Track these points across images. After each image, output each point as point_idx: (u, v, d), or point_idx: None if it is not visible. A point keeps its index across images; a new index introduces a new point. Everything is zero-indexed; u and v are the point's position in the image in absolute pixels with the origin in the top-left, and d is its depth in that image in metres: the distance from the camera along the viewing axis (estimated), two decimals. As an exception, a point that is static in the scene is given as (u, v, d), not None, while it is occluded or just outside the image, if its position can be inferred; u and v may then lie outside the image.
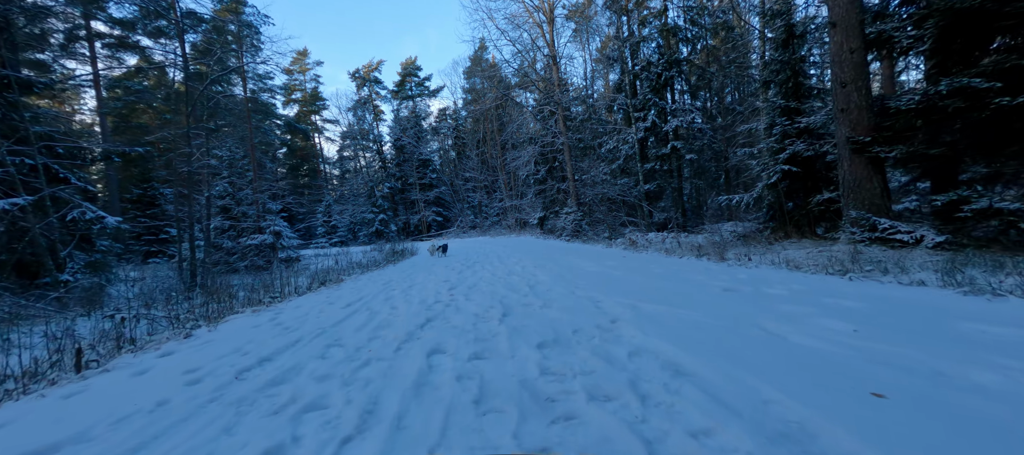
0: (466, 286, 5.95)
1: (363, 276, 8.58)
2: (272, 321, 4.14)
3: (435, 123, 45.47)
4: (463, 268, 8.70)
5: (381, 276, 8.29)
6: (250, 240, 15.52)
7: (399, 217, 38.72)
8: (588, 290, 4.77)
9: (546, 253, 11.53)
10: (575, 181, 21.46)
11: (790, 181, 8.11)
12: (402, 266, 10.90)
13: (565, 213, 20.88)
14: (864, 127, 5.73)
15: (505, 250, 14.19)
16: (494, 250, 14.58)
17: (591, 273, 6.42)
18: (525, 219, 30.24)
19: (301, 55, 45.72)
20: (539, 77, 22.23)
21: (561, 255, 10.54)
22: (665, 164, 16.81)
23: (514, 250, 13.90)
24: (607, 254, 10.16)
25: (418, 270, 8.99)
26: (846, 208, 6.14)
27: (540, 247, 14.99)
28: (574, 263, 8.20)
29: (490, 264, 9.21)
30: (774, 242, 8.27)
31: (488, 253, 13.14)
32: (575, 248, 13.65)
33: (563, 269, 7.17)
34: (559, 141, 22.50)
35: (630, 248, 11.19)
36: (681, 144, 16.35)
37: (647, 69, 17.61)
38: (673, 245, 9.80)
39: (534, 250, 13.46)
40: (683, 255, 7.95)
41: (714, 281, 4.72)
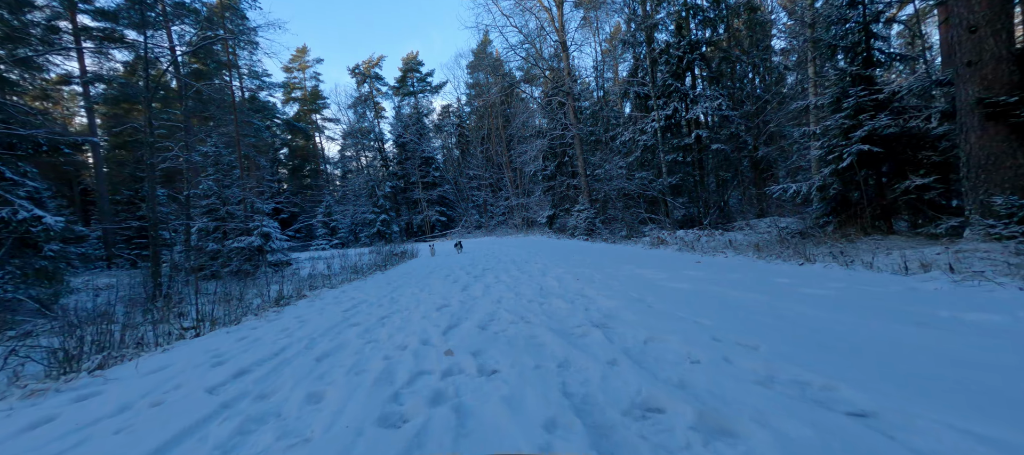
0: (476, 320, 3.56)
1: (334, 292, 6.49)
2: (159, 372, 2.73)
3: (438, 120, 44.20)
4: (469, 279, 6.63)
5: (359, 290, 6.41)
6: (236, 242, 14.25)
7: (401, 217, 37.47)
8: (766, 351, 2.26)
9: (575, 257, 9.26)
10: (587, 176, 20.03)
11: (867, 165, 6.63)
12: (393, 275, 8.78)
13: (577, 211, 19.46)
14: (1003, 84, 4.27)
15: (520, 253, 12.08)
16: (506, 252, 12.55)
17: (679, 292, 4.15)
18: (533, 218, 28.83)
19: (300, 52, 44.66)
20: (548, 65, 20.80)
21: (598, 259, 8.31)
22: (688, 155, 15.34)
23: (531, 252, 11.79)
24: (659, 258, 7.77)
25: (409, 280, 7.18)
26: (971, 193, 4.67)
27: (560, 249, 12.75)
28: (633, 273, 5.79)
29: (506, 273, 7.09)
30: (841, 239, 6.79)
31: (500, 256, 11.14)
32: (605, 249, 11.62)
33: (624, 283, 4.89)
34: (569, 134, 21.06)
35: (661, 247, 9.76)
36: (706, 133, 14.87)
37: (666, 52, 16.14)
38: (716, 243, 8.36)
39: (556, 252, 11.30)
40: (762, 256, 6.24)
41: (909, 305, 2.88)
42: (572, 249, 12.39)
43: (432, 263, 11.02)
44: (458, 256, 13.28)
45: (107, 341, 3.35)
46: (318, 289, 6.88)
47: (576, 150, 20.13)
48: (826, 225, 7.70)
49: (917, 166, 6.32)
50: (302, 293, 6.02)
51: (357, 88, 41.21)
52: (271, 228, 15.08)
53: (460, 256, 12.65)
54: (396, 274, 8.81)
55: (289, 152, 45.16)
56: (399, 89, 41.62)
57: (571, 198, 22.64)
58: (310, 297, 6.07)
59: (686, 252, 8.33)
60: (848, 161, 6.50)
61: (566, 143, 22.21)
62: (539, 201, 28.46)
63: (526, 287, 5.29)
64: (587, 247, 13.11)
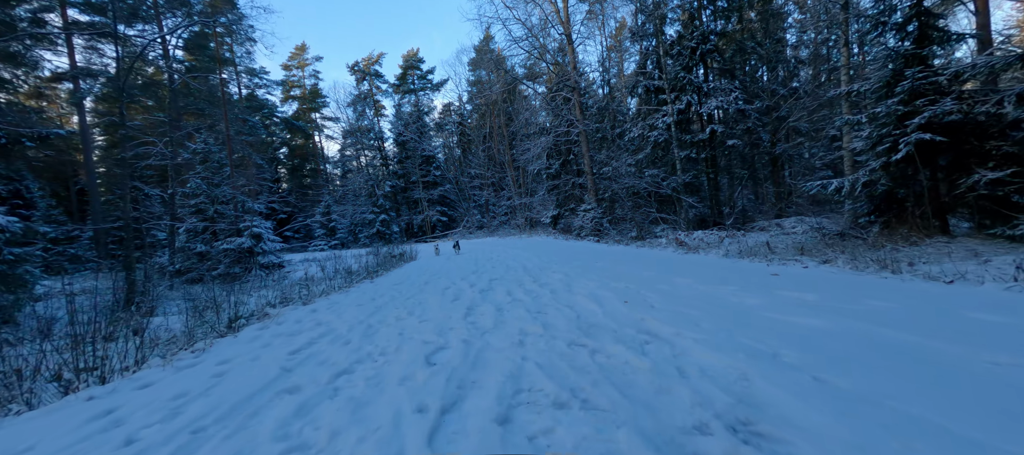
0: (490, 395, 2.16)
1: (303, 310, 5.31)
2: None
3: (439, 119, 43.46)
4: (474, 295, 5.33)
5: (334, 309, 5.14)
6: (225, 244, 13.51)
7: (402, 217, 36.74)
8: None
9: (597, 263, 7.97)
10: (593, 175, 19.25)
11: (922, 157, 5.83)
12: (383, 284, 7.54)
13: (583, 210, 18.69)
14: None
15: (530, 256, 10.83)
16: (514, 256, 11.28)
17: (807, 332, 2.76)
18: (536, 218, 28.07)
19: (299, 50, 44.00)
20: (553, 59, 20.03)
21: (628, 267, 7.01)
22: (701, 151, 14.54)
23: (543, 256, 10.48)
24: (706, 266, 6.49)
25: (399, 295, 5.90)
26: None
27: (574, 252, 11.48)
28: (697, 291, 4.44)
29: (520, 286, 5.75)
30: (900, 242, 6.00)
31: (507, 261, 9.85)
32: (625, 253, 10.27)
33: (699, 310, 3.59)
34: (575, 131, 20.28)
35: (685, 250, 8.97)
36: (721, 128, 14.06)
37: (678, 43, 15.35)
38: (750, 245, 7.57)
39: (571, 256, 10.00)
40: (857, 267, 4.93)
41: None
42: (587, 252, 11.21)
43: (430, 269, 9.89)
44: (458, 259, 12.37)
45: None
46: (289, 304, 5.79)
47: (582, 147, 19.35)
48: (870, 225, 6.91)
49: (984, 158, 5.53)
50: (265, 312, 4.96)
51: (356, 86, 40.52)
52: (263, 229, 14.35)
53: (462, 260, 11.47)
54: (386, 283, 7.64)
55: (289, 151, 44.47)
56: (399, 87, 40.89)
57: (576, 197, 21.86)
58: (272, 317, 4.90)
59: (732, 257, 7.20)
60: (904, 152, 5.70)
61: (571, 140, 21.43)
62: (542, 201, 27.69)
63: (555, 313, 3.86)
64: (603, 250, 12.00)
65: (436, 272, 8.85)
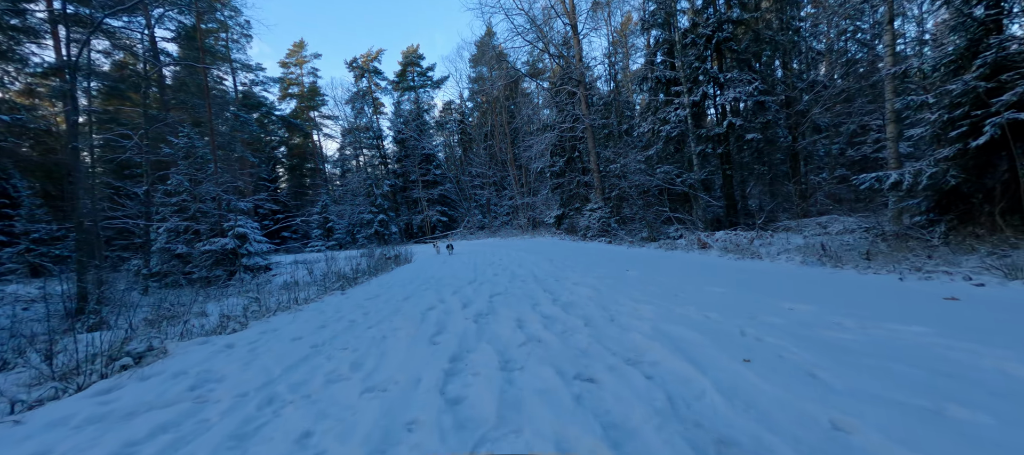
0: None
1: (224, 340, 3.80)
2: None
3: (439, 117, 42.59)
4: (466, 326, 3.75)
5: (262, 345, 3.61)
6: (208, 245, 12.62)
7: (401, 217, 35.87)
8: None
9: (630, 275, 6.30)
10: (600, 172, 18.31)
11: (1002, 143, 4.88)
12: (355, 298, 6.09)
13: (589, 210, 17.74)
14: None
15: (538, 261, 9.43)
16: (520, 261, 9.89)
17: None
18: (539, 218, 27.14)
19: (297, 47, 43.23)
20: (558, 51, 19.10)
21: (671, 278, 5.61)
22: (718, 146, 13.58)
23: (554, 261, 9.15)
24: (786, 276, 5.19)
25: (363, 321, 4.31)
26: None
27: (589, 256, 10.08)
28: (805, 320, 3.16)
29: (534, 307, 4.29)
30: (989, 243, 5.05)
31: (512, 267, 8.51)
32: (652, 257, 8.99)
33: (871, 369, 2.15)
34: (580, 127, 19.35)
35: (721, 253, 8.02)
36: (740, 121, 13.11)
37: (692, 31, 14.40)
38: (787, 247, 6.63)
39: (587, 261, 8.64)
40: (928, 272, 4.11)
41: None
42: (603, 256, 9.92)
43: (421, 275, 8.51)
44: (454, 262, 11.19)
45: None
46: (217, 333, 4.22)
47: (588, 143, 18.41)
48: (930, 225, 5.94)
49: (1089, 143, 4.56)
50: (164, 346, 3.48)
51: (355, 83, 39.69)
52: (248, 229, 13.45)
53: (458, 265, 10.10)
54: (359, 296, 6.22)
55: (287, 151, 43.67)
56: (399, 84, 40.05)
57: (582, 196, 20.93)
58: (168, 354, 3.35)
59: (812, 265, 5.80)
60: (987, 136, 4.74)
61: (576, 137, 20.49)
62: (546, 200, 26.76)
63: (616, 384, 2.22)
64: (620, 253, 10.71)
65: (425, 280, 7.55)
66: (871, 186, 6.02)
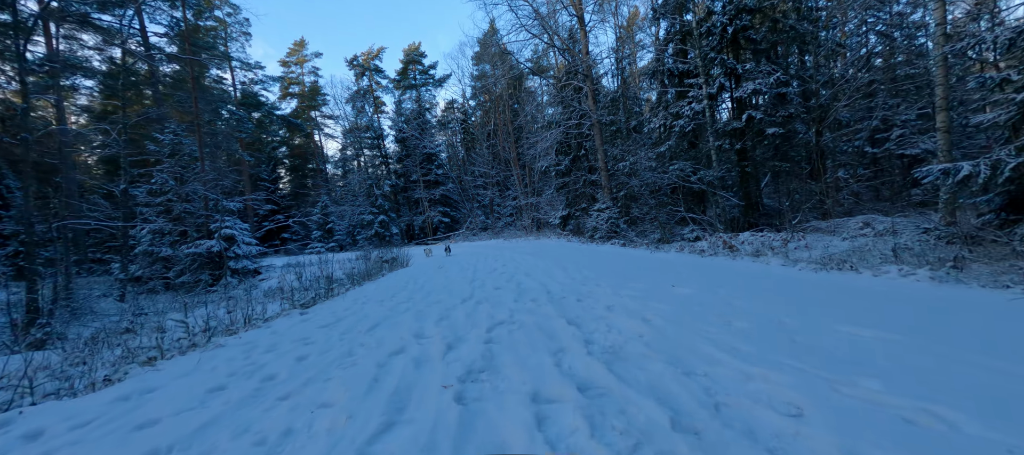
0: None
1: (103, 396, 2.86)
2: None
3: (442, 116, 41.87)
4: (448, 397, 2.38)
5: (155, 404, 2.66)
6: (194, 247, 11.89)
7: (402, 218, 35.14)
8: None
9: (651, 282, 5.56)
10: (608, 171, 17.46)
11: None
12: (316, 319, 5.08)
13: (596, 210, 16.89)
14: None
15: (545, 266, 8.47)
16: (523, 266, 8.93)
17: None
18: (543, 219, 26.32)
19: (298, 46, 42.69)
20: (563, 44, 18.29)
21: (732, 293, 4.51)
22: (736, 142, 12.69)
23: (564, 267, 8.13)
24: (875, 295, 4.08)
25: (304, 361, 3.35)
26: None
27: (602, 261, 8.97)
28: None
29: (557, 363, 2.78)
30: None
31: (516, 275, 7.48)
32: (676, 262, 7.92)
33: None
34: (587, 123, 18.51)
35: (746, 258, 7.15)
36: (759, 115, 12.22)
37: (707, 19, 13.53)
38: (820, 248, 5.76)
39: (605, 269, 7.52)
40: None
41: None
42: (624, 262, 8.48)
43: (409, 285, 7.46)
44: (450, 270, 9.96)
45: None
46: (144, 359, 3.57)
47: (595, 140, 17.57)
48: (1007, 225, 5.06)
49: None
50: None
51: (355, 81, 39.05)
52: (237, 230, 12.71)
53: (454, 274, 8.83)
54: (320, 319, 5.00)
55: (288, 151, 43.09)
56: (400, 82, 39.36)
57: (588, 196, 20.07)
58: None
59: (908, 276, 4.53)
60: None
61: (583, 134, 19.64)
62: (550, 200, 25.93)
63: None
64: (642, 258, 9.21)
65: (411, 295, 6.36)
66: (936, 181, 5.14)
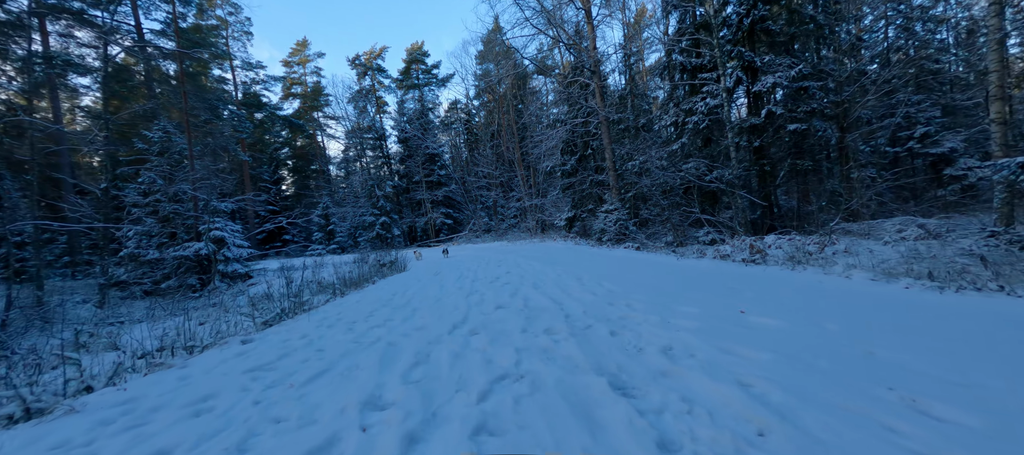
0: None
1: None
2: None
3: (445, 116, 41.32)
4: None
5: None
6: (181, 250, 11.31)
7: (404, 219, 34.57)
8: None
9: (707, 295, 4.69)
10: (616, 170, 16.74)
11: None
12: (267, 345, 4.19)
13: (604, 212, 16.16)
14: None
15: (556, 275, 7.35)
16: (532, 273, 7.80)
17: None
18: (548, 220, 25.61)
19: (300, 46, 42.31)
20: (570, 40, 17.62)
21: (839, 331, 3.11)
22: (755, 139, 11.95)
23: (579, 277, 6.85)
24: None
25: (225, 414, 2.54)
26: None
27: (623, 269, 7.75)
28: None
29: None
30: None
31: (522, 288, 6.29)
32: (708, 270, 6.74)
33: None
34: (594, 122, 17.81)
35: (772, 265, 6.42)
36: (780, 110, 11.47)
37: (721, 10, 12.81)
38: (867, 257, 5.05)
39: (636, 280, 6.22)
40: None
41: None
42: (655, 272, 7.02)
43: (390, 303, 6.09)
44: (447, 275, 9.08)
45: None
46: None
47: (603, 139, 16.86)
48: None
49: None
50: None
51: (358, 81, 38.59)
52: (227, 232, 12.12)
53: (449, 282, 7.84)
54: (269, 348, 3.96)
55: (290, 151, 42.68)
56: (403, 82, 38.84)
57: (595, 197, 19.35)
58: None
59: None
60: None
61: (590, 133, 18.94)
62: (555, 201, 25.23)
63: None
64: (671, 267, 7.80)
65: (391, 313, 5.20)
66: (1013, 176, 4.39)
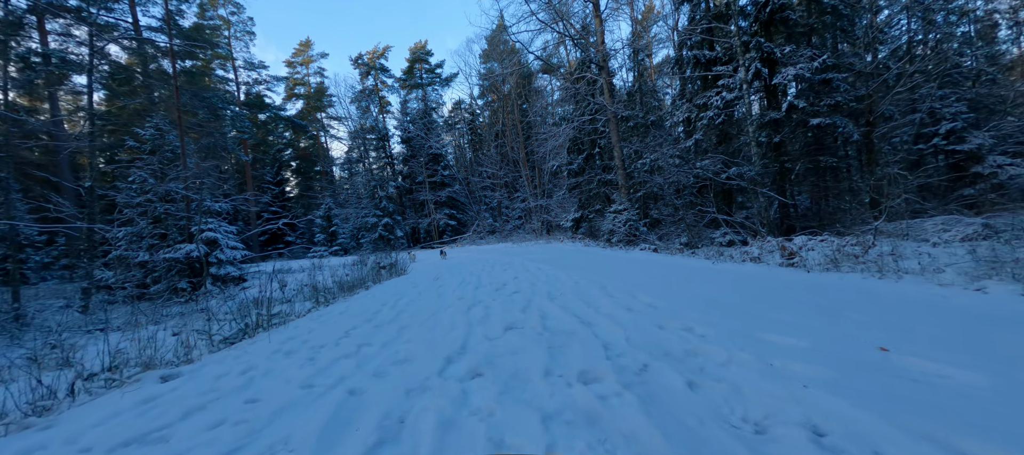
0: None
1: None
2: None
3: (449, 116, 40.82)
4: None
5: None
6: (172, 252, 10.81)
7: (407, 220, 34.08)
8: None
9: (811, 319, 3.43)
10: (625, 169, 16.11)
11: None
12: (206, 374, 3.30)
13: (612, 212, 15.52)
14: None
15: (574, 282, 6.22)
16: (545, 283, 6.39)
17: None
18: (554, 221, 24.98)
19: (304, 46, 42.06)
20: (577, 33, 17.03)
21: None
22: (775, 134, 11.28)
23: (608, 288, 5.43)
24: None
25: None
26: None
27: (648, 273, 6.72)
28: None
29: None
30: None
31: (535, 299, 5.05)
32: (754, 276, 5.76)
33: None
34: (602, 119, 17.19)
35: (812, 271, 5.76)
36: (803, 103, 10.79)
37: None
38: (929, 261, 4.43)
39: (675, 289, 5.12)
40: None
41: None
42: (697, 279, 5.82)
43: (374, 319, 4.91)
44: (447, 280, 8.07)
45: None
46: None
47: (611, 137, 16.22)
48: None
49: None
50: None
51: (360, 81, 38.20)
52: (220, 233, 11.61)
53: (448, 290, 6.73)
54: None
55: (293, 153, 42.35)
56: (406, 81, 38.41)
57: (603, 197, 18.72)
58: None
59: None
60: None
61: (597, 131, 18.32)
62: (561, 202, 24.60)
63: None
64: (705, 271, 6.59)
65: (367, 338, 3.99)
66: None
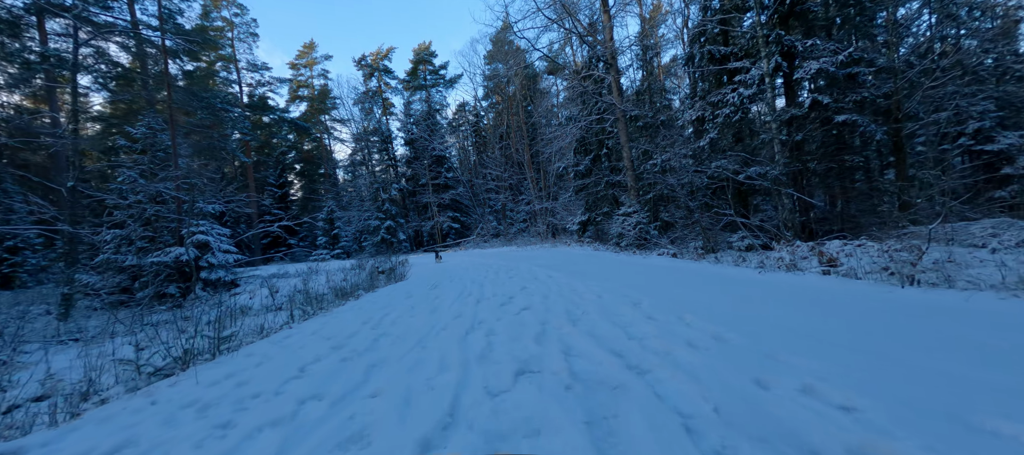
0: None
1: None
2: None
3: (453, 118, 40.39)
4: None
5: None
6: (161, 255, 10.32)
7: (410, 223, 33.59)
8: None
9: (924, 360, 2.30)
10: (635, 170, 15.48)
11: None
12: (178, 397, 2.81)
13: (621, 215, 14.89)
14: None
15: (597, 294, 5.19)
16: (563, 300, 5.02)
17: None
18: (560, 224, 24.35)
19: (307, 48, 41.86)
20: (585, 30, 16.47)
21: None
22: (797, 132, 10.63)
23: (645, 303, 4.36)
24: None
25: None
26: None
27: (695, 289, 5.19)
28: None
29: None
30: None
31: (558, 329, 3.68)
32: (804, 287, 4.71)
33: None
34: (610, 119, 16.59)
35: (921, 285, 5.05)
36: (827, 99, 10.13)
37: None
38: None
39: (729, 308, 3.93)
40: None
41: None
42: (743, 292, 4.68)
43: (358, 334, 4.23)
44: (446, 288, 7.18)
45: None
46: None
47: (620, 137, 15.61)
48: None
49: None
50: None
51: (364, 82, 37.88)
52: (212, 236, 11.12)
53: (445, 306, 5.46)
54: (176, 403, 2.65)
55: (297, 155, 42.08)
56: (409, 83, 38.04)
57: (611, 199, 18.08)
58: None
59: None
60: None
61: (605, 131, 17.72)
62: (567, 205, 23.99)
63: None
64: (756, 282, 5.29)
65: (333, 370, 3.12)
66: None
